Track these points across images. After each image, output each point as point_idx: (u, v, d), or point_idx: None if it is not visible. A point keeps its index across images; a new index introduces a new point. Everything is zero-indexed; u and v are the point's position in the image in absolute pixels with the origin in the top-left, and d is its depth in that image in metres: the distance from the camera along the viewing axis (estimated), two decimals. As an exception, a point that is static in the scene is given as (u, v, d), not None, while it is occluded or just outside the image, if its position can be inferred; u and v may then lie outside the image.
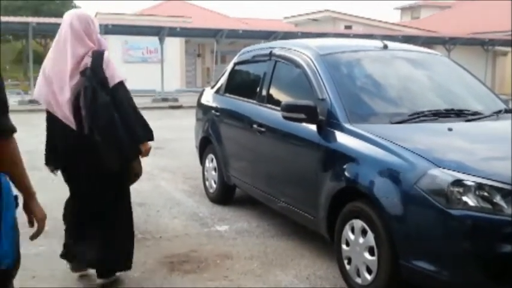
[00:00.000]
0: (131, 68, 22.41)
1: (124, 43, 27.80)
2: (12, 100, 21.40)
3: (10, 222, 2.00)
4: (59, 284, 3.70)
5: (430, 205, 3.01)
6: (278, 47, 5.01)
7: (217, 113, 5.67)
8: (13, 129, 2.03)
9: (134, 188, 4.02)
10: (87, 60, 3.45)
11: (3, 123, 2.00)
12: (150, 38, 25.21)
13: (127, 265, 3.73)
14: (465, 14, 36.28)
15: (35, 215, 2.16)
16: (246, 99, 5.19)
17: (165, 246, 4.47)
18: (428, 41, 26.90)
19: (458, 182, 2.97)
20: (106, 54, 3.52)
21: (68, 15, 3.56)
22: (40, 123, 4.17)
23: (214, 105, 5.81)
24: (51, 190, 4.56)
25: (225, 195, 5.72)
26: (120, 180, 3.64)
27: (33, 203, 2.16)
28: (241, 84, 5.68)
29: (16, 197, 2.04)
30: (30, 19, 23.22)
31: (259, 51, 5.42)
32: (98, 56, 3.47)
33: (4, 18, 23.97)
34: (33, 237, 2.19)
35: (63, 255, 3.77)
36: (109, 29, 21.31)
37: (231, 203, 5.72)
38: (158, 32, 23.10)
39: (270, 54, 4.94)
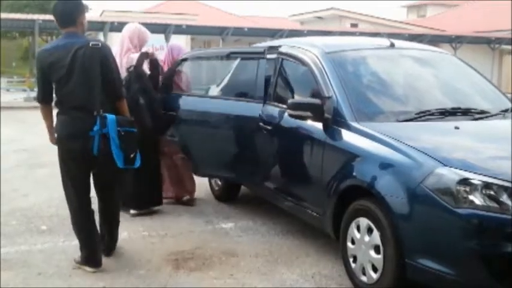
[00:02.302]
0: (137, 65, 22.36)
1: (130, 40, 27.77)
2: (18, 97, 21.48)
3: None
4: (64, 281, 3.70)
5: (436, 204, 3.00)
6: (284, 45, 4.98)
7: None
8: (124, 94, 4.00)
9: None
10: (133, 60, 4.95)
11: (123, 92, 4.00)
12: (156, 36, 25.14)
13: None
14: (472, 12, 36.17)
15: None
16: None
17: (170, 243, 4.47)
18: (435, 39, 26.84)
19: (465, 181, 2.96)
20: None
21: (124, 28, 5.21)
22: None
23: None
24: (54, 188, 4.58)
25: (230, 192, 5.72)
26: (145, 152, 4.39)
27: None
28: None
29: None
30: (36, 16, 23.31)
31: (258, 49, 5.39)
32: (142, 56, 4.99)
33: (10, 16, 24.09)
34: None
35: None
36: (115, 27, 21.36)
37: (236, 200, 5.72)
38: (164, 29, 23.16)
39: (278, 53, 4.89)
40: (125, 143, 3.72)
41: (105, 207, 4.02)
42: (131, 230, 4.76)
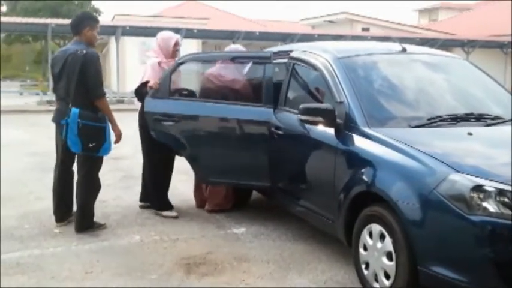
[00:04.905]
0: (148, 69, 22.41)
1: (141, 44, 27.88)
2: (31, 100, 21.64)
3: (109, 132, 4.71)
4: (77, 284, 3.72)
5: (449, 210, 2.99)
6: (296, 49, 4.98)
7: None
8: (105, 94, 4.76)
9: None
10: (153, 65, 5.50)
11: (103, 91, 4.74)
12: (167, 40, 25.22)
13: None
14: (484, 16, 35.92)
15: (116, 132, 4.83)
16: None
17: (181, 248, 4.48)
18: (447, 44, 26.69)
19: (478, 188, 2.94)
20: None
21: None
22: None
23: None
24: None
25: (241, 198, 5.71)
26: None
27: (115, 126, 4.83)
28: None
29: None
30: (49, 20, 23.47)
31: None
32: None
33: (24, 20, 24.31)
34: (116, 142, 4.88)
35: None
36: (126, 31, 21.49)
37: (248, 205, 5.72)
38: (175, 33, 23.16)
39: (290, 57, 4.88)
40: (83, 133, 4.49)
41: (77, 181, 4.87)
42: (143, 234, 4.78)
